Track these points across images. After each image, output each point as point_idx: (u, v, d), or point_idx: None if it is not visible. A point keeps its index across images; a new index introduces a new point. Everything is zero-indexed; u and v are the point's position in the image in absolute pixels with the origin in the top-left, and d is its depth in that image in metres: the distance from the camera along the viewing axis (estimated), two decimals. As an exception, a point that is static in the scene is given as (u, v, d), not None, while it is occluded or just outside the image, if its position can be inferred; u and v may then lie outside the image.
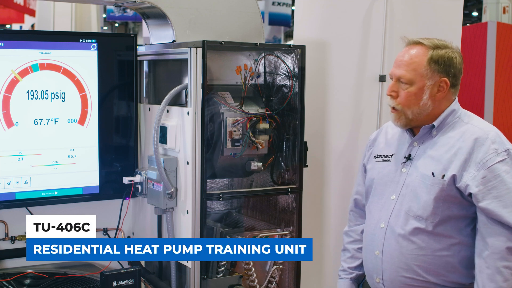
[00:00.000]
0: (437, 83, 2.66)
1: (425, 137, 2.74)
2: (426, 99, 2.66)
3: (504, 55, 9.82)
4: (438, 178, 2.62)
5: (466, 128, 2.66)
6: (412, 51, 2.70)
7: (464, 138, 2.63)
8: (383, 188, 2.82)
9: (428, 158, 2.69)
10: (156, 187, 3.33)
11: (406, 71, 2.67)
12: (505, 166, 2.56)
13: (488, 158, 2.56)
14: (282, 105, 3.45)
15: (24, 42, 3.28)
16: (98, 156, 3.45)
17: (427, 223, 2.63)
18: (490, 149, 2.57)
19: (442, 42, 2.71)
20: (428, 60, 2.65)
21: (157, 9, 3.40)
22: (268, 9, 18.13)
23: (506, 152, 2.58)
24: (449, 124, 2.71)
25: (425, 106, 2.67)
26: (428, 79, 2.65)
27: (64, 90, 3.34)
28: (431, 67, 2.65)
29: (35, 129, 3.29)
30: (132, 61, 3.49)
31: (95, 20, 8.74)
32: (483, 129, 2.63)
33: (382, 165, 2.87)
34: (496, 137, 2.60)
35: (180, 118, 3.27)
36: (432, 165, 2.66)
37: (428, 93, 2.66)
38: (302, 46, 3.45)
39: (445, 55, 2.66)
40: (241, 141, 3.30)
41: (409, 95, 2.67)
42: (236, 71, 3.41)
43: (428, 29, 4.34)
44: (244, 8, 3.60)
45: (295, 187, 3.50)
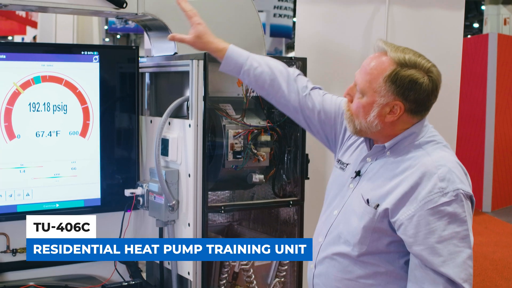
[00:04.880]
0: (390, 105, 2.32)
1: (379, 154, 2.46)
2: (373, 117, 2.35)
3: (505, 66, 9.85)
4: (371, 207, 2.35)
5: (418, 157, 2.34)
6: (376, 61, 2.36)
7: (412, 169, 2.31)
8: (331, 200, 2.59)
9: (372, 181, 2.42)
10: (158, 200, 3.33)
11: (362, 80, 2.37)
12: (450, 209, 2.23)
13: (430, 198, 2.24)
14: (284, 117, 3.45)
15: (26, 54, 3.28)
16: (100, 169, 3.45)
17: (353, 250, 2.40)
18: (435, 187, 2.24)
19: (415, 60, 2.33)
20: (385, 77, 2.30)
21: (159, 22, 3.41)
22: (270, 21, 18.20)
23: (455, 193, 2.24)
24: (405, 147, 2.39)
25: (371, 123, 2.37)
26: (380, 97, 2.32)
27: (66, 102, 3.34)
28: (387, 86, 2.30)
29: (37, 141, 3.29)
30: (133, 73, 3.50)
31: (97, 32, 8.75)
32: (435, 162, 2.30)
33: (337, 174, 2.63)
34: (447, 174, 2.26)
35: (181, 131, 3.27)
36: (371, 190, 2.39)
37: (377, 111, 2.34)
38: (303, 59, 3.46)
39: (408, 77, 2.29)
40: (242, 153, 3.30)
41: (359, 106, 2.38)
42: (237, 83, 3.42)
43: (429, 40, 4.35)
44: (245, 20, 3.61)
45: (297, 200, 3.49)
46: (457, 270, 2.22)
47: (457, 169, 2.31)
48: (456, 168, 2.32)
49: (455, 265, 2.23)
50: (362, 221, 2.37)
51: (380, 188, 2.36)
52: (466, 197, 2.28)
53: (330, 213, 2.57)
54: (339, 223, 2.49)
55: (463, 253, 2.24)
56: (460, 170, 2.33)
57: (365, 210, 2.37)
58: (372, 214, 2.34)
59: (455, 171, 2.29)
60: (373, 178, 2.43)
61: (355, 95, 2.41)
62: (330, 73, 4.17)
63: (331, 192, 2.63)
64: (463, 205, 2.26)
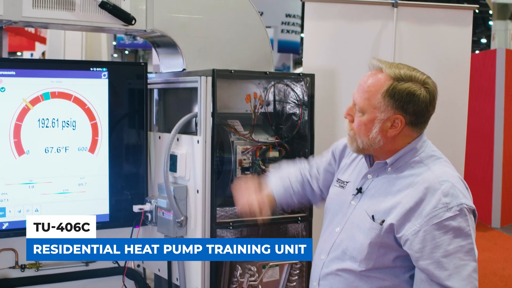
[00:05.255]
0: (391, 119, 2.36)
1: (380, 171, 2.47)
2: (376, 133, 2.38)
3: (513, 81, 9.81)
4: (377, 223, 2.36)
5: (420, 172, 2.37)
6: (372, 78, 2.41)
7: (415, 185, 2.34)
8: (332, 217, 2.60)
9: (375, 197, 2.43)
10: (166, 216, 3.33)
11: (361, 98, 2.41)
12: (454, 223, 2.26)
13: (435, 214, 2.26)
14: (292, 133, 3.46)
15: (35, 70, 3.30)
16: (108, 184, 3.45)
17: (360, 266, 2.40)
18: (440, 203, 2.27)
19: (410, 73, 2.38)
20: (383, 93, 2.35)
21: (168, 38, 3.43)
22: (277, 36, 18.25)
23: (459, 208, 2.27)
24: (406, 163, 2.42)
25: (374, 139, 2.39)
26: (380, 112, 2.36)
27: (75, 118, 3.35)
28: (386, 101, 2.35)
29: (46, 157, 3.30)
30: (142, 90, 3.51)
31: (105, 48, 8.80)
32: (438, 177, 2.32)
33: (337, 192, 2.63)
34: (450, 189, 2.29)
35: (190, 147, 3.28)
36: (375, 206, 2.41)
37: (379, 127, 2.37)
38: (311, 75, 3.46)
39: (405, 90, 2.34)
40: (251, 169, 3.30)
41: (360, 124, 2.41)
42: (245, 100, 3.43)
43: (437, 56, 4.36)
44: (253, 36, 3.62)
45: (305, 216, 3.49)
46: (463, 283, 2.24)
47: (459, 184, 2.34)
48: (459, 183, 2.34)
49: (461, 278, 2.25)
50: (368, 238, 2.38)
51: (384, 204, 2.37)
52: (470, 211, 2.30)
53: (332, 230, 2.57)
54: (343, 240, 2.50)
55: (468, 266, 2.26)
56: (462, 185, 2.36)
57: (371, 226, 2.38)
58: (378, 230, 2.35)
59: (457, 186, 2.32)
60: (376, 194, 2.44)
61: (355, 115, 2.44)
62: (338, 89, 4.18)
63: (331, 210, 2.64)
64: (467, 219, 2.28)
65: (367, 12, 4.36)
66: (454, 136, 4.61)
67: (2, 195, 3.22)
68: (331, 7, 4.37)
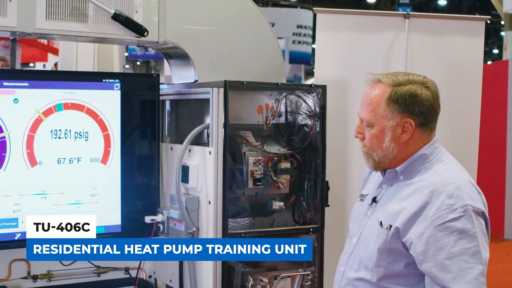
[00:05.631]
0: (400, 124, 2.40)
1: (393, 180, 2.51)
2: (389, 142, 2.41)
3: (526, 92, 9.78)
4: (384, 228, 2.39)
5: (428, 177, 2.38)
6: (372, 91, 2.46)
7: (421, 189, 2.35)
8: (352, 229, 2.64)
9: (385, 204, 2.47)
10: (178, 227, 3.33)
11: (366, 112, 2.45)
12: (458, 225, 2.24)
13: (439, 215, 2.26)
14: (304, 144, 3.45)
15: (48, 82, 3.32)
16: (120, 195, 3.46)
17: (372, 274, 2.42)
18: (443, 204, 2.27)
19: (407, 77, 2.43)
20: (386, 100, 2.40)
21: (180, 50, 3.44)
22: (289, 47, 18.30)
23: (463, 209, 2.25)
24: (416, 169, 2.44)
25: (388, 149, 2.42)
26: (388, 120, 2.40)
27: (87, 129, 3.37)
28: (390, 107, 2.39)
29: (58, 168, 3.31)
30: (154, 101, 3.52)
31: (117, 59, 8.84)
32: (443, 180, 2.33)
33: (357, 205, 2.69)
34: (455, 191, 2.29)
35: (202, 158, 3.28)
36: (384, 212, 2.44)
37: (390, 135, 2.41)
38: (323, 86, 3.46)
39: (407, 92, 2.39)
40: (262, 180, 3.30)
41: (372, 138, 2.45)
42: (257, 111, 3.43)
43: (449, 67, 4.36)
44: (265, 47, 3.63)
45: (317, 227, 3.48)
46: (468, 286, 2.22)
47: (467, 186, 2.33)
48: (466, 185, 2.34)
49: (466, 281, 2.22)
50: (377, 244, 2.40)
51: (392, 210, 2.40)
52: (477, 213, 2.29)
53: (350, 241, 2.61)
54: (358, 249, 2.52)
55: (474, 270, 2.23)
56: (471, 188, 2.35)
57: (379, 232, 2.40)
58: (385, 235, 2.37)
59: (464, 188, 2.31)
60: (386, 201, 2.47)
61: (364, 131, 2.49)
62: (349, 100, 4.18)
63: (351, 223, 2.67)
64: (473, 221, 2.26)
65: (379, 24, 4.36)
66: (467, 147, 4.60)
67: (15, 205, 3.23)
68: (343, 18, 4.38)
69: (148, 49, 17.90)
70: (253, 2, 3.60)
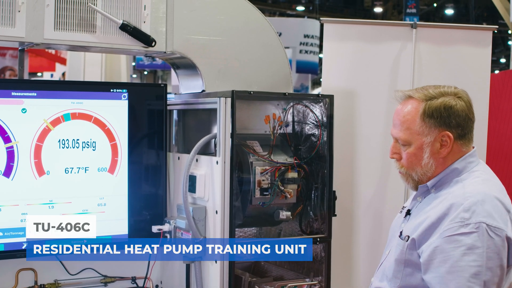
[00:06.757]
0: (438, 139, 2.34)
1: (426, 193, 2.46)
2: (428, 158, 2.36)
3: (533, 102, 9.74)
4: (402, 239, 2.36)
5: (454, 190, 2.32)
6: (404, 108, 2.40)
7: (444, 201, 2.30)
8: (388, 241, 2.62)
9: (415, 218, 2.41)
10: (185, 236, 3.33)
11: (401, 131, 2.40)
12: (468, 240, 2.17)
13: (450, 227, 2.20)
14: (311, 154, 3.45)
15: (56, 92, 3.33)
16: (128, 205, 3.46)
17: (390, 285, 2.38)
18: (457, 217, 2.20)
19: (438, 90, 2.38)
20: (420, 116, 2.34)
21: (187, 60, 3.45)
22: (296, 57, 18.33)
23: (477, 225, 2.17)
24: (447, 183, 2.38)
25: (427, 165, 2.37)
26: (425, 136, 2.34)
27: (95, 139, 3.37)
28: (426, 123, 2.34)
29: (66, 178, 3.32)
30: (162, 111, 3.52)
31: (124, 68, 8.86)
32: (465, 193, 2.26)
33: (397, 217, 2.65)
34: (472, 205, 2.21)
35: (209, 167, 3.28)
36: (409, 224, 2.41)
37: (429, 151, 2.35)
38: (330, 96, 3.46)
39: (441, 105, 2.33)
40: (269, 190, 3.30)
41: (410, 156, 2.39)
42: (264, 121, 3.43)
43: (456, 77, 4.35)
44: (272, 57, 3.63)
45: (324, 237, 3.47)
46: None
47: (490, 203, 2.24)
48: (490, 201, 2.25)
49: None
50: (395, 254, 2.37)
51: (415, 222, 2.35)
52: (494, 233, 2.20)
53: (384, 253, 2.57)
54: (387, 260, 2.50)
55: None
56: (495, 204, 2.25)
57: (397, 243, 2.38)
58: (401, 246, 2.35)
59: (485, 204, 2.23)
60: (416, 215, 2.42)
61: (401, 151, 2.43)
62: (357, 110, 4.17)
63: (389, 235, 2.63)
64: (484, 240, 2.18)
65: (386, 33, 4.36)
66: (474, 157, 4.58)
67: (23, 215, 3.24)
68: (350, 28, 4.39)
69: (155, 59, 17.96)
70: (260, 12, 3.61)
